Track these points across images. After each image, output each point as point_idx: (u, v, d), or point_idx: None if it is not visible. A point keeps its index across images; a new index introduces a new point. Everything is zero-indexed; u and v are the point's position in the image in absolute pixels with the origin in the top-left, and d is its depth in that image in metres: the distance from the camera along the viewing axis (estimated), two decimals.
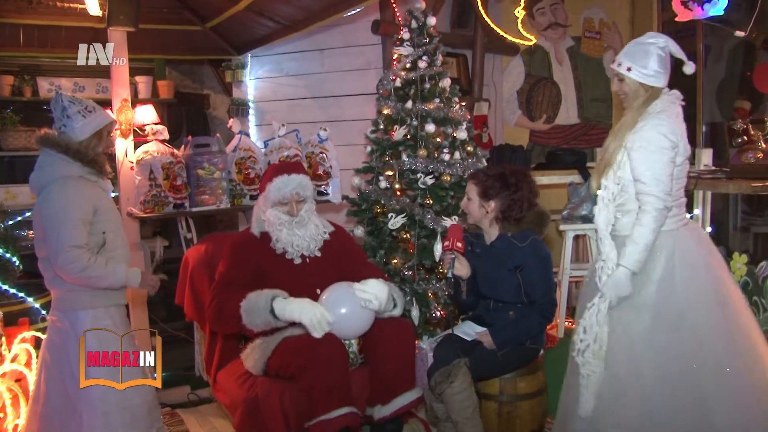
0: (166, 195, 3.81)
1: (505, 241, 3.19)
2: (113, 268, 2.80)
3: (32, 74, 5.88)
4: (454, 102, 4.11)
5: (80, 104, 2.86)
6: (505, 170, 3.22)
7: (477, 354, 3.11)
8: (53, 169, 2.78)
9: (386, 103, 4.10)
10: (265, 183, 3.21)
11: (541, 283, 3.14)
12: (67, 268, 2.67)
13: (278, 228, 3.15)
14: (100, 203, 2.82)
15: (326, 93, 5.61)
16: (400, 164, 3.97)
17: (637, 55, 2.80)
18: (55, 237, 2.67)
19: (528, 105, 6.95)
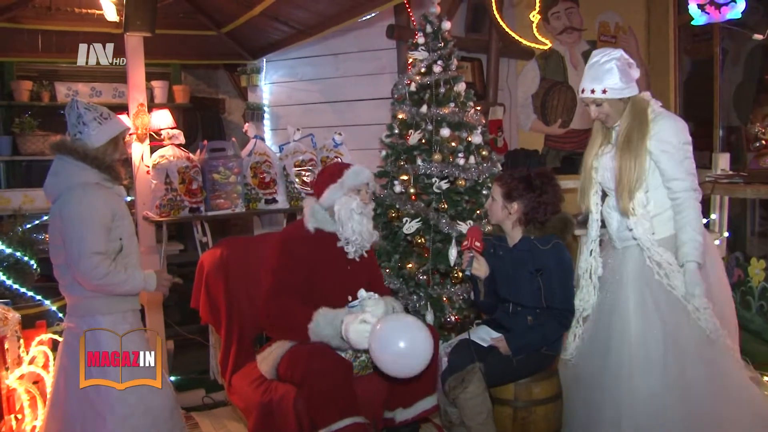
0: (182, 199, 3.83)
1: (528, 243, 3.17)
2: (132, 274, 2.79)
3: (50, 79, 5.94)
4: (469, 106, 4.11)
5: (96, 111, 2.83)
6: (531, 173, 3.20)
7: (492, 359, 3.09)
8: (70, 175, 2.77)
9: (401, 108, 4.10)
10: (339, 171, 3.20)
11: (560, 288, 3.11)
12: (89, 274, 2.65)
13: (352, 214, 3.13)
14: (117, 209, 2.80)
15: (341, 97, 5.61)
16: (415, 169, 3.97)
17: (603, 75, 2.87)
18: (77, 243, 2.65)
19: (543, 109, 6.92)
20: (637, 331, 2.88)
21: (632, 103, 2.89)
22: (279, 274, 3.11)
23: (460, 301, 3.86)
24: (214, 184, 3.93)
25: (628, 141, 2.86)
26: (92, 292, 2.74)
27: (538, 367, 3.18)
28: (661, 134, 2.82)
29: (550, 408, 3.16)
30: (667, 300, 2.85)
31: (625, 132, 2.89)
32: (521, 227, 3.19)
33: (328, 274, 3.15)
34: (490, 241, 3.32)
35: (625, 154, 2.86)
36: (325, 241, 3.18)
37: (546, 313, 3.12)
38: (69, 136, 2.83)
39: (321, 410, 2.76)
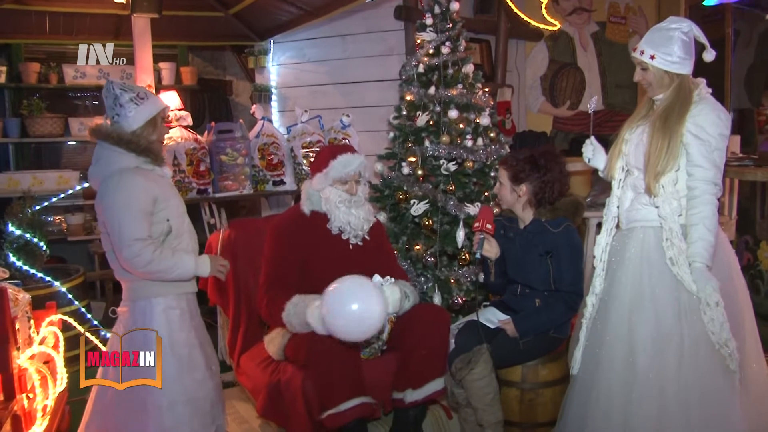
0: (190, 181, 3.84)
1: (539, 225, 3.17)
2: (180, 259, 2.73)
3: (58, 61, 5.93)
4: (477, 88, 4.08)
5: (132, 91, 2.75)
6: (535, 153, 3.19)
7: (499, 341, 3.10)
8: (108, 161, 2.71)
9: (409, 89, 4.08)
10: (326, 160, 3.15)
11: (569, 271, 3.11)
12: (132, 261, 2.62)
13: (337, 206, 3.12)
14: (160, 192, 2.73)
15: (348, 79, 5.61)
16: (423, 150, 3.96)
17: (660, 41, 2.73)
18: (117, 231, 2.61)
19: (551, 91, 6.92)
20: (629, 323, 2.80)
21: (681, 81, 2.74)
22: (271, 265, 3.12)
23: (467, 283, 3.86)
24: (222, 166, 3.95)
25: (665, 119, 2.72)
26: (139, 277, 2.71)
27: (546, 350, 3.19)
28: (699, 118, 2.68)
29: (557, 390, 3.17)
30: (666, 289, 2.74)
31: (664, 109, 2.75)
32: (532, 209, 3.19)
33: (327, 258, 3.14)
34: (501, 222, 3.32)
35: (659, 132, 2.73)
36: (323, 223, 3.18)
37: (554, 296, 3.12)
38: (107, 120, 2.76)
39: (328, 391, 2.77)
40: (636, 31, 6.91)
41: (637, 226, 2.87)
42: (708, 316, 2.63)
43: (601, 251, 2.97)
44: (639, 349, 2.75)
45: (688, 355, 2.67)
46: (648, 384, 2.70)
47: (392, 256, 3.44)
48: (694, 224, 2.69)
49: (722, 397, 2.66)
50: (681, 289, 2.70)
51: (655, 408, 2.68)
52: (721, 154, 2.70)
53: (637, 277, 2.82)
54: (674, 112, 2.72)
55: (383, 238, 3.41)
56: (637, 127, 2.90)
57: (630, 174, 2.91)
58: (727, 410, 2.65)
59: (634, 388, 2.73)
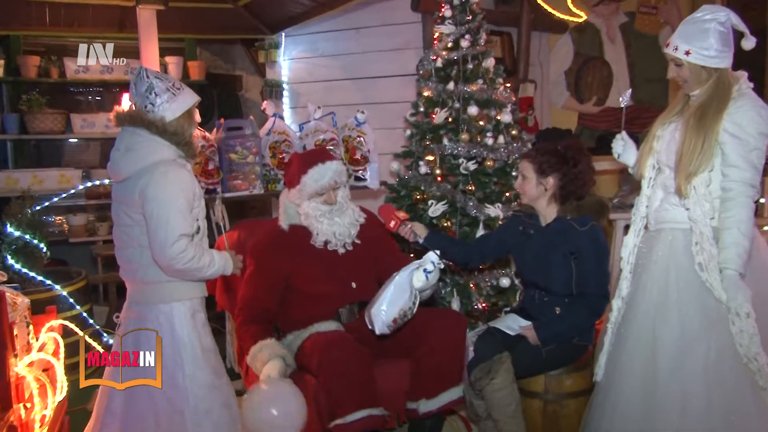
0: (198, 180, 3.85)
1: (563, 223, 3.13)
2: (213, 257, 2.79)
3: (59, 54, 5.95)
4: (498, 83, 4.09)
5: (168, 81, 2.75)
6: (558, 145, 3.16)
7: (520, 349, 3.08)
8: (148, 152, 2.69)
9: (426, 85, 4.10)
10: (296, 175, 3.18)
11: (595, 272, 3.07)
12: (177, 259, 2.62)
13: (318, 220, 3.16)
14: (197, 189, 2.77)
15: (363, 74, 5.62)
16: (441, 149, 3.98)
17: (695, 34, 2.66)
18: (163, 226, 2.60)
19: (577, 86, 6.90)
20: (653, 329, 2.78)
21: (719, 76, 2.67)
22: (247, 286, 3.14)
23: (487, 287, 3.88)
24: (231, 165, 3.96)
25: (700, 116, 2.66)
26: (171, 276, 2.72)
27: (570, 358, 3.16)
28: (737, 116, 2.61)
29: (582, 402, 3.13)
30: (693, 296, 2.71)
31: (700, 105, 2.69)
32: (557, 204, 3.16)
33: (315, 271, 3.17)
34: (520, 219, 3.30)
35: (694, 131, 2.66)
36: (305, 237, 3.21)
37: (577, 300, 3.09)
38: (136, 108, 2.74)
39: (338, 400, 2.77)
40: (668, 22, 6.84)
41: (666, 228, 2.84)
42: (737, 327, 2.59)
43: (629, 253, 2.96)
44: (661, 357, 2.73)
45: (714, 367, 2.64)
46: (668, 395, 2.68)
47: (393, 245, 3.44)
48: (727, 228, 2.63)
49: (749, 415, 2.61)
50: (709, 297, 2.67)
51: (675, 421, 2.65)
52: (760, 154, 2.63)
53: (662, 281, 2.79)
54: (711, 109, 2.65)
55: (378, 230, 3.40)
56: (669, 124, 2.85)
57: (661, 172, 2.88)
58: (753, 430, 2.61)
59: (654, 398, 2.71)
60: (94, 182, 5.22)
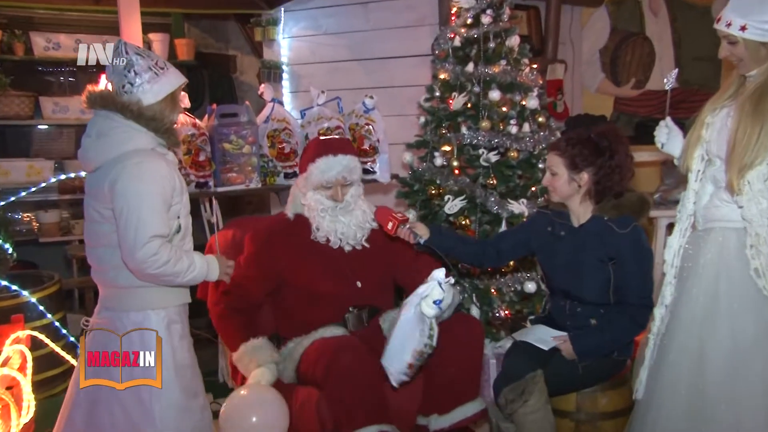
0: (187, 173, 3.84)
1: (600, 224, 3.10)
2: (193, 260, 2.73)
3: (24, 29, 5.80)
4: (524, 64, 4.11)
5: (151, 58, 2.69)
6: (591, 133, 3.09)
7: (554, 365, 3.07)
8: (121, 138, 2.63)
9: (443, 66, 4.12)
10: (306, 162, 3.29)
11: (638, 280, 3.04)
12: (148, 262, 2.56)
13: (320, 214, 3.26)
14: (177, 182, 2.70)
15: (372, 54, 5.61)
16: (459, 138, 3.99)
17: (752, 6, 2.60)
18: (134, 225, 2.54)
19: (613, 67, 6.88)
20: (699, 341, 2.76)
21: None
22: (239, 272, 3.16)
23: (510, 293, 3.88)
24: (225, 156, 3.96)
25: (757, 100, 2.60)
26: (144, 281, 2.67)
27: (607, 374, 3.16)
28: None
29: (619, 423, 3.13)
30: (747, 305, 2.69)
31: (757, 87, 2.64)
32: (591, 203, 3.13)
33: (316, 264, 3.29)
34: (548, 218, 3.28)
35: (749, 118, 2.61)
36: (308, 228, 3.34)
37: (616, 310, 3.07)
38: (112, 88, 2.68)
39: (345, 413, 2.80)
40: None
41: (716, 227, 2.82)
42: None
43: (673, 255, 2.94)
44: (709, 373, 2.71)
45: None
46: (718, 416, 2.67)
47: (407, 255, 3.40)
48: None
49: None
50: (766, 307, 2.66)
51: None
52: None
53: (711, 287, 2.77)
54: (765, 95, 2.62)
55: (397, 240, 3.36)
56: (721, 109, 2.81)
57: (711, 164, 2.84)
58: None
59: (702, 419, 2.70)
60: (68, 175, 4.98)
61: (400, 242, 3.29)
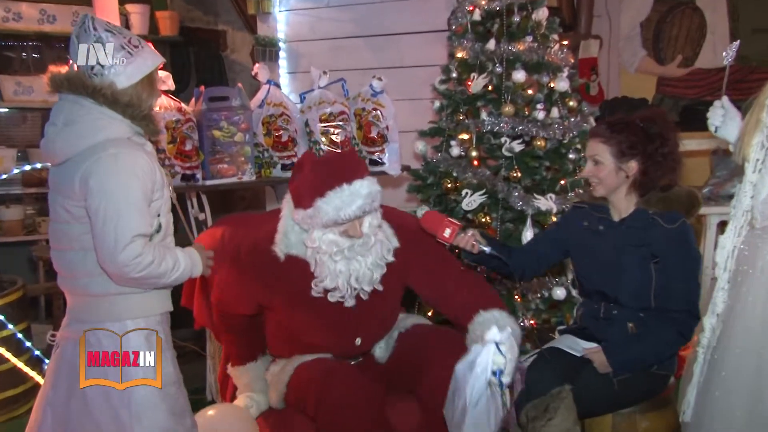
0: (172, 163, 3.86)
1: (644, 218, 3.09)
2: (177, 258, 2.70)
3: None
4: (553, 41, 4.13)
5: (122, 35, 2.63)
6: (639, 117, 3.10)
7: (584, 379, 3.04)
8: (93, 127, 2.60)
9: (461, 44, 4.13)
10: (309, 195, 2.92)
11: (683, 284, 3.02)
12: (131, 265, 2.53)
13: (332, 259, 2.94)
14: (157, 175, 2.67)
15: (380, 30, 5.63)
16: (479, 125, 4.01)
17: None
18: (114, 225, 2.51)
19: (656, 42, 6.87)
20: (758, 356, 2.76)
21: None
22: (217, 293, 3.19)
23: (537, 300, 3.90)
24: (215, 144, 3.99)
25: None
26: (123, 287, 2.65)
27: (647, 393, 3.12)
28: None
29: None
30: None
31: None
32: (636, 195, 3.13)
33: (310, 320, 3.11)
34: (584, 211, 3.30)
35: None
36: (303, 275, 3.04)
37: (657, 316, 3.05)
38: (79, 70, 2.63)
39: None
40: None
41: None
42: None
43: (726, 257, 2.95)
44: None
45: None
46: None
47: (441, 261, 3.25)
48: None
49: None
50: None
51: None
52: None
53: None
54: None
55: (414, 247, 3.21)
56: None
57: None
58: None
59: None
60: (33, 165, 4.90)
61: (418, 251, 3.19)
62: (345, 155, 3.26)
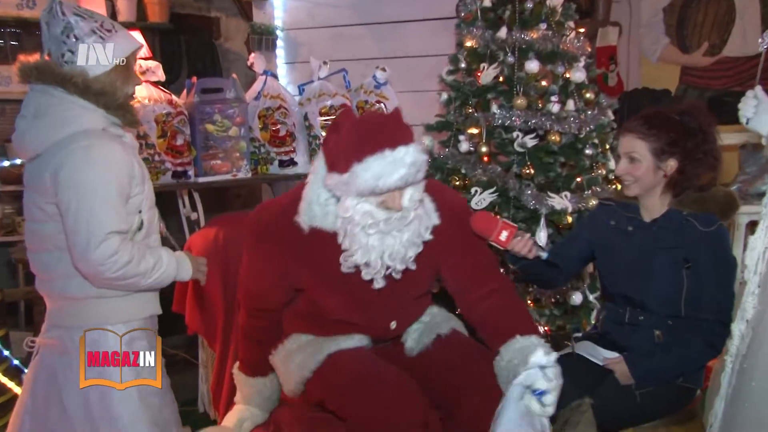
0: (162, 159, 3.89)
1: (678, 219, 3.07)
2: (159, 257, 2.71)
3: None
4: (568, 28, 4.14)
5: (93, 20, 2.63)
6: (673, 113, 3.08)
7: (605, 391, 3.03)
8: (64, 118, 2.60)
9: (470, 32, 4.14)
10: (346, 158, 2.65)
11: (716, 291, 2.99)
12: (106, 264, 2.53)
13: (365, 232, 2.72)
14: (135, 168, 2.68)
15: (384, 17, 5.65)
16: (489, 118, 4.01)
17: None
18: (86, 221, 2.52)
19: (680, 29, 6.84)
20: None
21: None
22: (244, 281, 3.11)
23: (551, 306, 3.92)
24: (208, 139, 4.02)
25: None
26: (101, 289, 2.66)
27: (671, 406, 3.10)
28: None
29: None
30: None
31: None
32: (670, 195, 3.12)
33: (338, 299, 2.97)
34: (612, 209, 3.29)
35: None
36: (329, 249, 2.85)
37: (687, 325, 3.03)
38: (50, 58, 2.66)
39: None
40: None
41: None
42: None
43: (757, 259, 2.89)
44: None
45: None
46: None
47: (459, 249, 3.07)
48: None
49: None
50: None
51: None
52: None
53: None
54: None
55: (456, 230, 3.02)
56: None
57: None
58: None
59: None
60: (12, 161, 5.17)
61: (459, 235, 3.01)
62: (389, 116, 2.93)
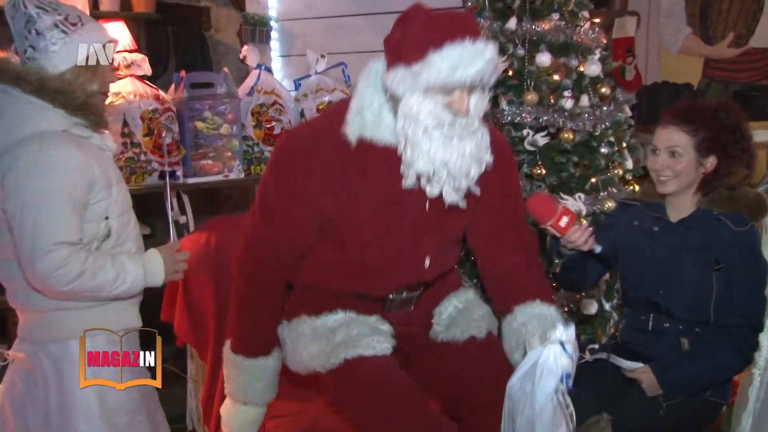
0: (149, 159, 3.92)
1: (708, 218, 3.07)
2: (121, 268, 2.69)
3: None
4: (583, 18, 4.16)
5: (57, 12, 2.64)
6: (709, 107, 3.08)
7: (628, 404, 3.02)
8: (19, 119, 2.61)
9: (477, 23, 4.05)
10: (420, 45, 2.49)
11: (748, 295, 3.00)
12: (54, 277, 2.53)
13: (428, 134, 2.53)
14: (100, 173, 2.66)
15: (384, 8, 5.57)
16: (497, 115, 4.03)
17: None
18: (30, 229, 2.51)
19: (703, 19, 6.87)
20: None
21: None
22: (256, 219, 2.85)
23: (564, 315, 3.89)
24: (198, 138, 4.05)
25: None
26: (64, 301, 2.66)
27: (697, 421, 3.10)
28: None
29: None
30: None
31: None
32: (700, 194, 3.12)
33: (379, 225, 2.76)
34: (636, 209, 3.28)
35: None
36: (380, 163, 2.68)
37: (716, 333, 3.02)
38: (14, 55, 2.69)
39: None
40: None
41: None
42: None
43: None
44: None
45: None
46: None
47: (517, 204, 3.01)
48: None
49: None
50: None
51: None
52: None
53: None
54: None
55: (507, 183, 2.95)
56: None
57: None
58: None
59: None
60: None
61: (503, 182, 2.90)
62: (465, 14, 2.90)
